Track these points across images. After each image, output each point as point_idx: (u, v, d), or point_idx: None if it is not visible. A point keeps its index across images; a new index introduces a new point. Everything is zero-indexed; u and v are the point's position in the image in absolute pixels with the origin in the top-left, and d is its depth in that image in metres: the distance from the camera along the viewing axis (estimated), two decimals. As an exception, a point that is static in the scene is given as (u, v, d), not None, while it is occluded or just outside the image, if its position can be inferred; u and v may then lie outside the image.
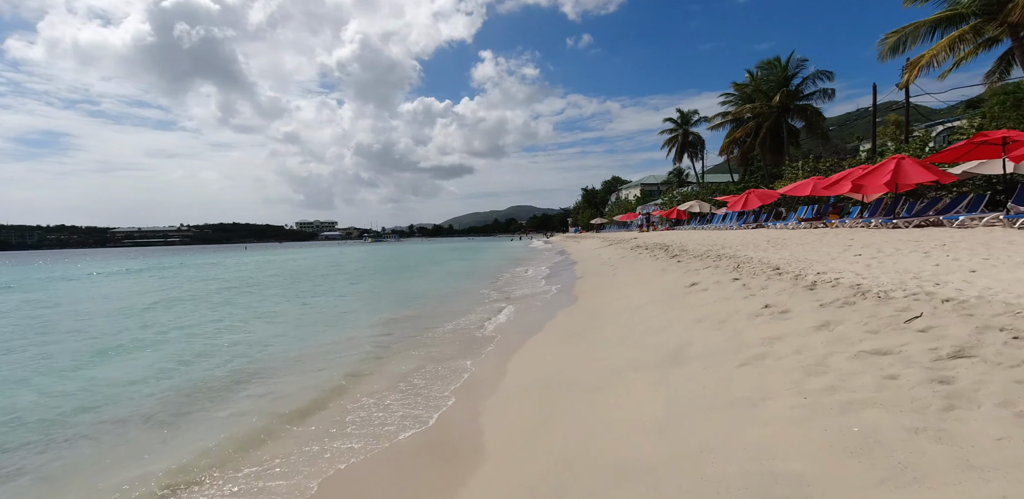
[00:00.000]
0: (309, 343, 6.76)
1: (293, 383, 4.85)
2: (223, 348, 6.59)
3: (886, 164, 11.73)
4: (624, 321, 5.81)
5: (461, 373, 4.96)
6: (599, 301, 7.82)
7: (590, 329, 5.74)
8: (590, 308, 7.31)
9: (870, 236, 9.64)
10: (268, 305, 10.51)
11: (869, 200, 17.34)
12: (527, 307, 8.53)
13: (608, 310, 6.78)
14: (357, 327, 7.76)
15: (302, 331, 7.64)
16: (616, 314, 6.35)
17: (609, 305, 7.19)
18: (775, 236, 12.74)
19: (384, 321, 8.16)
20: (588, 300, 8.17)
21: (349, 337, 7.05)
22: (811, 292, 4.68)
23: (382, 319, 8.33)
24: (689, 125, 51.56)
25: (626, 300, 7.29)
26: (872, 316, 3.55)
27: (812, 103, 30.14)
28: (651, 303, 6.51)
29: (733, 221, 25.15)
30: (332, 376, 5.02)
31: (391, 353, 5.91)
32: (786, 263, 6.69)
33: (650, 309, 6.13)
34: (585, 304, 7.85)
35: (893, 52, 16.56)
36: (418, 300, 10.71)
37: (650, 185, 70.16)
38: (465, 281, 14.97)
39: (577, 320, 6.48)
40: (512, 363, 4.92)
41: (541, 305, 8.60)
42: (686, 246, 12.92)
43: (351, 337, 7.04)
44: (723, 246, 11.30)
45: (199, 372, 5.36)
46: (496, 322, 7.48)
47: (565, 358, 4.67)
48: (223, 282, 18.05)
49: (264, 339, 7.01)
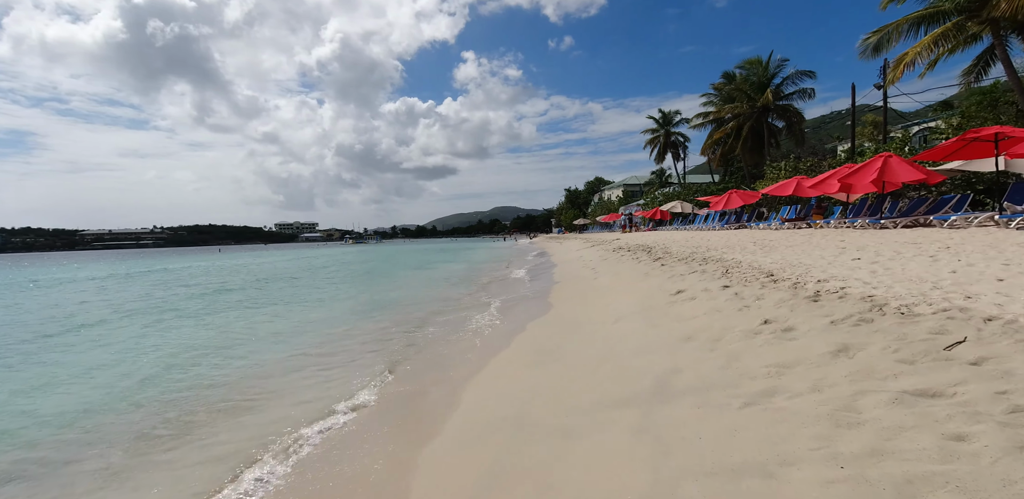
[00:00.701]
0: (235, 368, 5.88)
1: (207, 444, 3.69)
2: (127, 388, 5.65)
3: (873, 162, 11.32)
4: (602, 336, 5.09)
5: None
6: (576, 310, 7.11)
7: (563, 346, 5.00)
8: (566, 319, 6.58)
9: (860, 237, 9.16)
10: (203, 320, 9.41)
11: (852, 200, 17.09)
12: (496, 316, 7.77)
13: (585, 322, 6.06)
14: (299, 346, 6.89)
15: (236, 350, 6.73)
16: (594, 327, 5.63)
17: (586, 315, 6.48)
18: (760, 237, 12.25)
19: (333, 336, 7.30)
20: (564, 308, 7.44)
21: (288, 356, 6.19)
22: (816, 305, 4.03)
23: (330, 335, 7.46)
24: (671, 125, 51.55)
25: (606, 309, 6.59)
26: (900, 339, 2.89)
27: (792, 103, 30.11)
28: (633, 314, 5.81)
29: (715, 221, 24.83)
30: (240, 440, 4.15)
31: (328, 379, 5.09)
32: (779, 268, 6.07)
33: (632, 322, 5.42)
34: (561, 313, 7.12)
35: (876, 51, 16.33)
36: (382, 310, 9.84)
37: (632, 186, 70.15)
38: (438, 286, 14.13)
39: (550, 334, 5.74)
40: (468, 391, 4.15)
41: (512, 314, 7.85)
42: (669, 248, 12.34)
43: (290, 356, 6.18)
44: (708, 248, 10.73)
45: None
46: (459, 335, 6.71)
47: (531, 386, 3.92)
48: (176, 289, 16.85)
49: (182, 366, 6.06)
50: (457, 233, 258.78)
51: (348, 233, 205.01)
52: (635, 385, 3.35)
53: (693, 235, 17.98)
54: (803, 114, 30.27)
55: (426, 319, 8.23)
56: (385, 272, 21.72)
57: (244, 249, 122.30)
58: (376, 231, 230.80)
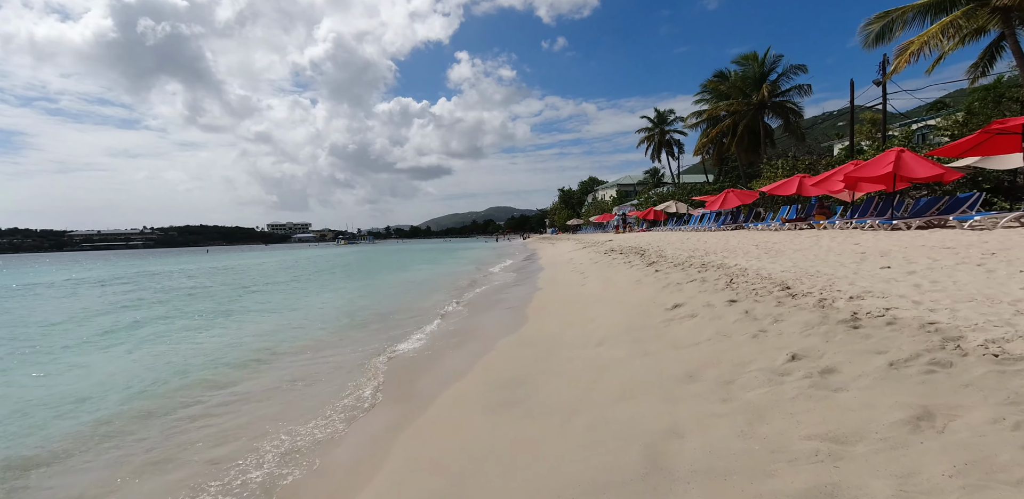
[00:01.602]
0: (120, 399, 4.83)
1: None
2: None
3: (884, 157, 10.43)
4: (581, 366, 4.08)
5: (303, 461, 3.15)
6: (555, 325, 6.10)
7: (531, 380, 3.99)
8: (540, 338, 5.57)
9: (875, 240, 8.23)
10: (136, 335, 8.27)
11: (854, 199, 16.25)
12: (459, 332, 6.75)
13: (562, 344, 5.06)
14: (216, 364, 5.85)
15: (152, 374, 5.68)
16: (572, 352, 4.62)
17: (566, 334, 5.48)
18: (761, 239, 11.32)
19: (263, 357, 6.25)
20: (542, 323, 6.43)
21: (197, 383, 5.15)
22: (857, 333, 3.06)
23: (259, 354, 6.41)
24: (665, 124, 50.77)
25: (589, 325, 5.59)
26: (1013, 402, 1.91)
27: (789, 100, 29.31)
28: (620, 334, 4.82)
29: (711, 222, 23.95)
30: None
31: (222, 413, 4.07)
32: (794, 278, 5.10)
33: (618, 345, 4.43)
34: (536, 329, 6.11)
35: (878, 39, 15.48)
36: (335, 322, 8.74)
37: (626, 185, 69.34)
38: (412, 292, 13.06)
39: (518, 360, 4.73)
40: (397, 449, 3.13)
41: (482, 328, 6.83)
42: (664, 251, 11.38)
43: (201, 382, 5.14)
44: (706, 251, 9.78)
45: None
46: (409, 357, 5.69)
47: (478, 447, 2.90)
48: (141, 292, 15.69)
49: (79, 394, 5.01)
50: (451, 233, 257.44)
51: (341, 234, 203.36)
52: (617, 458, 2.35)
53: (689, 236, 17.07)
54: (800, 111, 29.44)
55: (383, 333, 7.19)
56: (364, 275, 20.63)
57: (233, 250, 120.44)
58: (369, 231, 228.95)
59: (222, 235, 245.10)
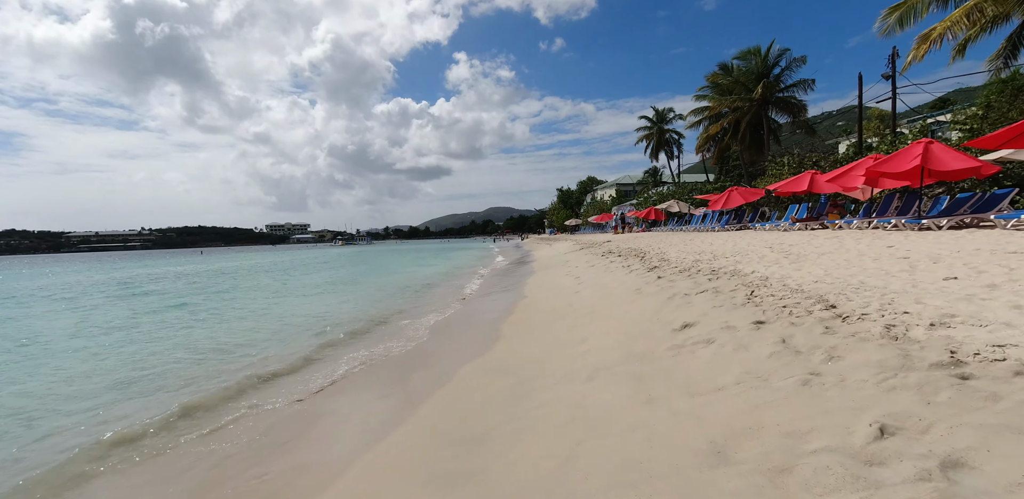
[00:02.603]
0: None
1: None
2: None
3: (910, 150, 9.39)
4: (561, 420, 3.02)
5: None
6: (536, 346, 5.05)
7: (491, 437, 2.94)
8: (516, 364, 4.52)
9: (911, 242, 7.19)
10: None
11: (867, 197, 15.22)
12: (414, 354, 5.68)
13: (542, 373, 4.01)
14: (95, 394, 4.82)
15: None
16: (553, 390, 3.57)
17: (548, 360, 4.43)
18: (774, 241, 10.27)
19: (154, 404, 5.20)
20: (520, 342, 5.38)
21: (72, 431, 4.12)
22: (971, 387, 2.01)
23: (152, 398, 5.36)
24: (664, 123, 49.76)
25: (579, 349, 4.54)
26: None
27: (794, 95, 28.27)
28: (617, 363, 3.78)
29: (714, 222, 22.89)
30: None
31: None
32: (836, 292, 4.06)
33: (614, 383, 3.38)
34: (512, 351, 5.05)
35: (899, 25, 14.44)
36: (287, 339, 7.68)
37: (625, 185, 68.28)
38: (388, 298, 11.94)
39: (480, 399, 3.68)
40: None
41: (440, 349, 5.77)
42: (666, 253, 10.33)
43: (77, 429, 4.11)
44: (713, 254, 8.73)
45: None
46: (346, 386, 4.64)
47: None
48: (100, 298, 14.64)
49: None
50: (450, 234, 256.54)
51: (340, 234, 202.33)
52: None
53: (692, 237, 16.02)
54: (805, 106, 28.40)
55: (325, 354, 6.13)
56: (350, 279, 19.57)
57: (230, 251, 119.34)
58: (368, 232, 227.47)
59: (220, 236, 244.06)
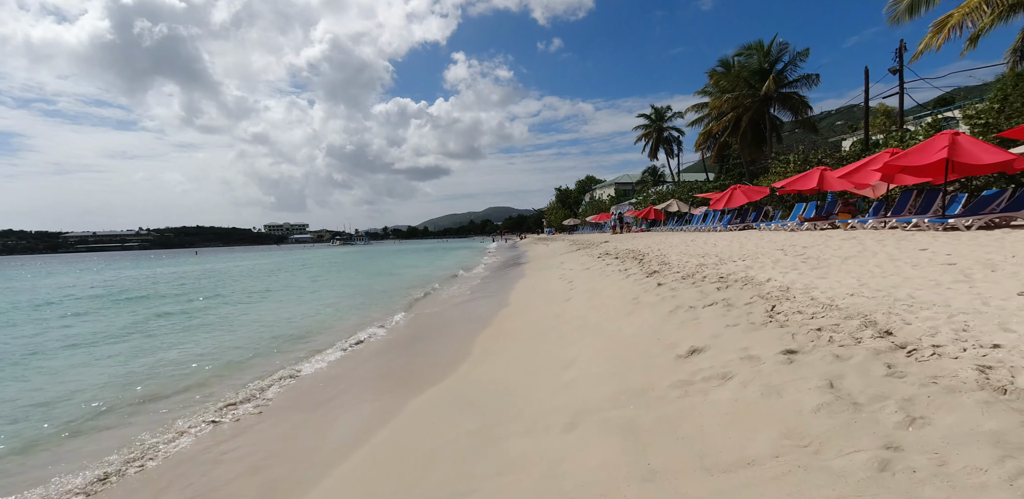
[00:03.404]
0: None
1: None
2: None
3: (934, 142, 8.54)
4: (527, 496, 2.17)
5: None
6: (510, 370, 4.19)
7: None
8: (480, 396, 3.66)
9: (939, 243, 6.34)
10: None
11: (878, 195, 14.38)
12: (365, 378, 4.83)
13: (511, 412, 3.15)
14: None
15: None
16: (521, 440, 2.71)
17: (521, 390, 3.57)
18: (785, 242, 9.42)
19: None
20: (491, 365, 4.52)
21: None
22: None
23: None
24: (664, 121, 48.94)
25: (561, 377, 3.69)
26: None
27: (797, 91, 27.42)
28: (606, 404, 2.93)
29: (716, 221, 22.03)
30: None
31: None
32: (883, 311, 3.21)
33: (600, 438, 2.53)
34: (479, 378, 4.19)
35: (910, 12, 13.61)
36: (214, 355, 6.83)
37: (624, 184, 67.43)
38: (361, 305, 11.05)
39: (427, 449, 2.82)
40: None
41: (397, 369, 4.91)
42: (667, 256, 9.48)
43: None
44: (719, 257, 7.88)
45: None
46: (240, 428, 3.79)
47: None
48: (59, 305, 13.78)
49: None
50: (449, 234, 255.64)
51: (338, 234, 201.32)
52: None
53: (693, 238, 15.17)
54: (808, 102, 27.54)
55: (240, 375, 5.27)
56: (336, 282, 18.71)
57: (226, 251, 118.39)
58: (367, 232, 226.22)
59: (218, 236, 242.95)
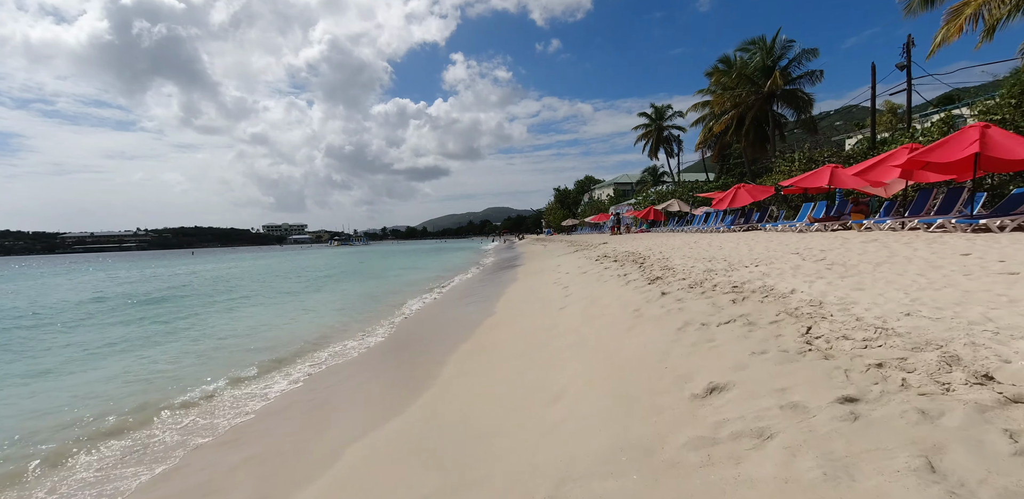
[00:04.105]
0: None
1: None
2: None
3: (963, 135, 7.82)
4: None
5: None
6: (483, 401, 3.43)
7: None
8: (441, 439, 2.91)
9: (978, 246, 5.60)
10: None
11: (889, 194, 13.66)
12: (302, 407, 4.08)
13: (472, 479, 2.41)
14: None
15: None
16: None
17: (493, 437, 2.82)
18: (798, 244, 8.68)
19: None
20: (460, 393, 3.75)
21: None
22: None
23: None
24: (664, 120, 48.24)
25: (544, 416, 2.95)
26: None
27: (800, 88, 26.69)
28: (597, 474, 2.18)
29: (718, 222, 21.30)
30: None
31: None
32: (962, 339, 2.47)
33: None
34: (443, 411, 3.42)
35: (926, 3, 12.88)
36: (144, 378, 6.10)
37: (624, 184, 66.74)
38: (339, 312, 10.32)
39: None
40: None
41: (345, 402, 4.15)
42: (670, 259, 8.73)
43: None
44: (728, 262, 7.14)
45: None
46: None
47: None
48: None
49: None
50: (448, 234, 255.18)
51: (337, 235, 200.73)
52: None
53: (696, 239, 14.43)
54: (812, 100, 26.80)
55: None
56: (321, 285, 17.95)
57: (223, 252, 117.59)
58: (366, 232, 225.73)
59: (217, 237, 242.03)
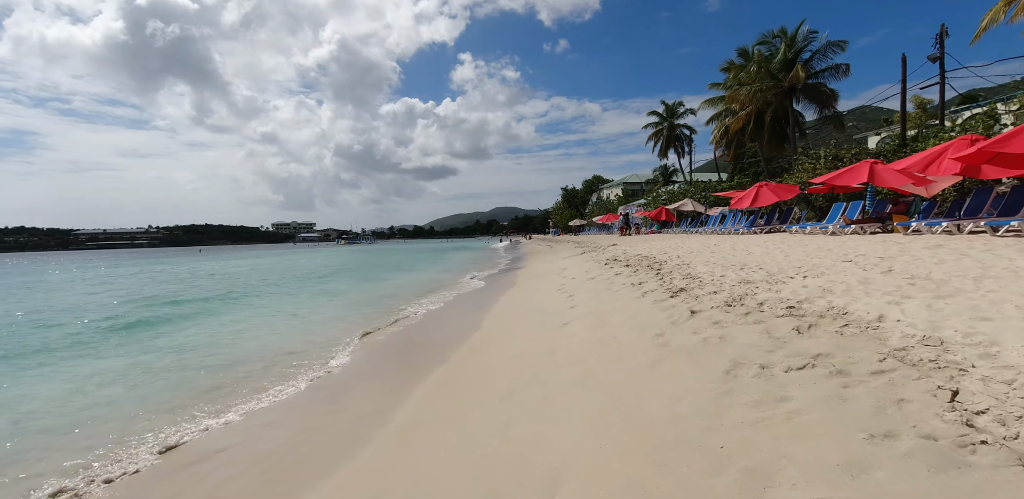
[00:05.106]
0: None
1: None
2: None
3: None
4: None
5: None
6: (434, 484, 2.34)
7: None
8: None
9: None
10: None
11: (931, 193, 12.35)
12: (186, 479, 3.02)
13: None
14: None
15: None
16: None
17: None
18: (845, 250, 7.45)
19: None
20: (408, 463, 2.66)
21: None
22: None
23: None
24: (675, 118, 46.82)
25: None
26: None
27: (824, 82, 25.24)
28: None
29: (736, 223, 20.00)
30: None
31: None
32: None
33: None
34: (385, 477, 2.35)
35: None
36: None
37: (633, 184, 65.32)
38: (317, 325, 9.28)
39: None
40: None
41: (219, 491, 3.08)
42: (691, 266, 7.55)
43: None
44: (766, 271, 5.96)
45: None
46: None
47: None
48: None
49: None
50: (455, 233, 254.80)
51: (344, 233, 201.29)
52: None
53: (716, 242, 13.21)
54: (837, 94, 25.32)
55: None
56: (310, 286, 17.00)
57: (230, 250, 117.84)
58: (373, 231, 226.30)
59: (226, 235, 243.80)
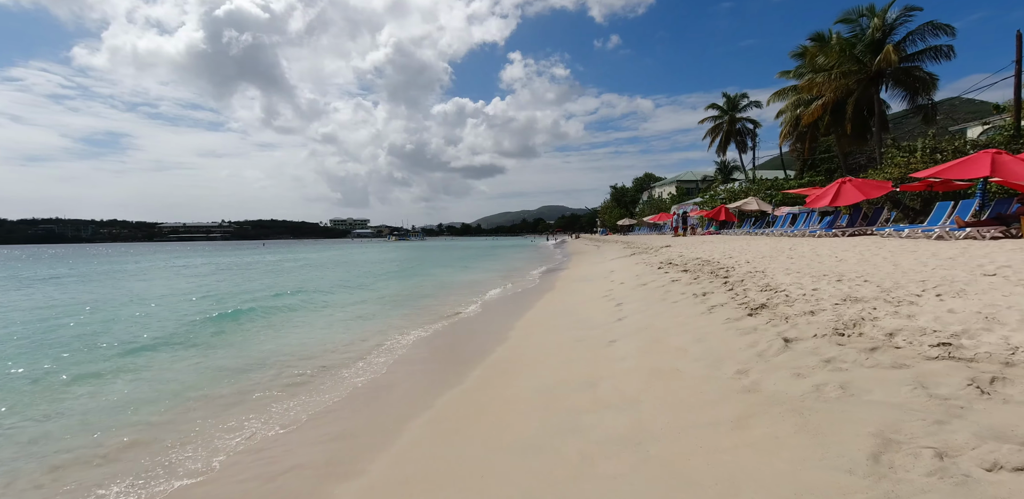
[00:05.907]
0: None
1: None
2: None
3: None
4: None
5: None
6: None
7: None
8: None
9: None
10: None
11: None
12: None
13: None
14: None
15: None
16: None
17: None
18: (980, 261, 5.82)
19: None
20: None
21: None
22: None
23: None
24: (737, 111, 43.58)
25: None
26: None
27: (920, 66, 22.07)
28: None
29: (812, 224, 17.82)
30: None
31: None
32: None
33: None
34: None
35: None
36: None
37: (687, 182, 61.89)
38: (330, 328, 8.66)
39: None
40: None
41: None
42: (768, 274, 6.20)
43: None
44: (878, 286, 4.59)
45: None
46: None
47: None
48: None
49: None
50: (501, 231, 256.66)
51: (396, 230, 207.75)
52: None
53: (791, 245, 11.50)
54: (935, 80, 22.04)
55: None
56: (350, 280, 16.77)
57: (292, 244, 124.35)
58: (423, 228, 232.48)
59: (289, 229, 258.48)
